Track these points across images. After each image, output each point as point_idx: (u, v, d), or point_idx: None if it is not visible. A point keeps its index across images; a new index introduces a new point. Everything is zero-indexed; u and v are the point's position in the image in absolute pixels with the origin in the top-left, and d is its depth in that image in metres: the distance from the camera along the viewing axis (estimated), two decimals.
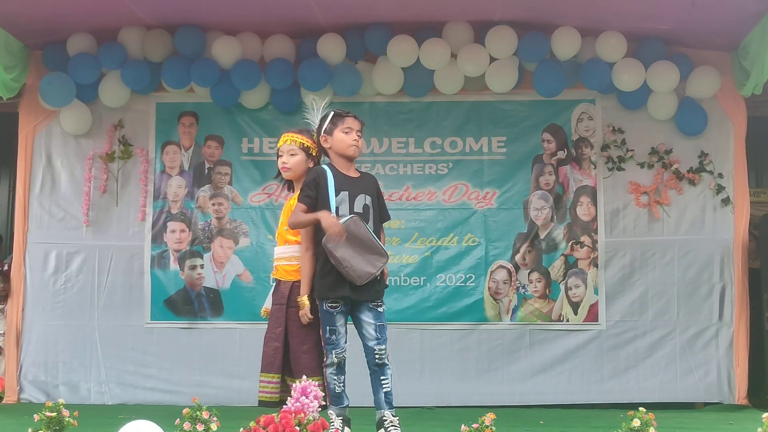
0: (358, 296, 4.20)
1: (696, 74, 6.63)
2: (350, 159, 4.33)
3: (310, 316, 4.19)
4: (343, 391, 4.26)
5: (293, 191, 4.47)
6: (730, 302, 6.60)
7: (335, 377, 4.23)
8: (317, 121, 4.36)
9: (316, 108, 4.39)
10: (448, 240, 6.81)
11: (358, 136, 4.31)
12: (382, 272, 4.27)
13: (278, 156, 4.43)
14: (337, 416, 4.21)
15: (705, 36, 6.47)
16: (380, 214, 4.41)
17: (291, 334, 4.23)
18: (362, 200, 4.26)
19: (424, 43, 6.54)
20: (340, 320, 4.21)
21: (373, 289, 4.22)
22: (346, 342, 4.24)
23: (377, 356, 4.18)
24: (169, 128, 6.99)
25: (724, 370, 6.56)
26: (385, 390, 4.20)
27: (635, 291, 6.68)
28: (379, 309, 4.25)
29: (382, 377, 4.21)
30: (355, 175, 4.35)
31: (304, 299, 4.18)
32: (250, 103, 6.86)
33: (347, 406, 4.28)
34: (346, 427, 4.23)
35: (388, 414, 4.19)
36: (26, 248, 6.85)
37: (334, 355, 4.20)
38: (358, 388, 4.51)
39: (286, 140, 4.38)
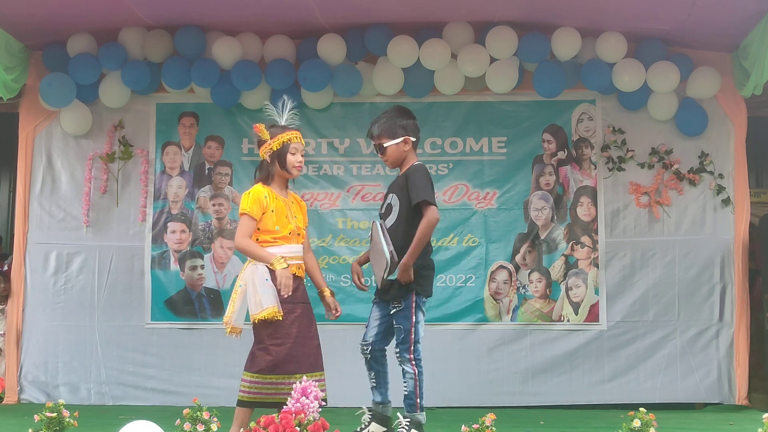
0: (380, 294, 4.38)
1: (696, 75, 6.63)
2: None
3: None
4: (375, 387, 4.30)
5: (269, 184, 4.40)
6: (731, 303, 6.60)
7: (367, 371, 4.35)
8: (282, 121, 4.38)
9: (284, 109, 4.39)
10: (449, 240, 6.80)
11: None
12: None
13: (290, 152, 4.29)
14: (367, 410, 4.27)
15: (705, 36, 6.47)
16: (409, 200, 4.36)
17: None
18: (387, 200, 4.46)
19: (424, 44, 6.54)
20: (374, 312, 4.38)
21: (390, 290, 4.30)
22: (371, 336, 4.33)
23: (397, 357, 4.25)
24: (170, 129, 6.99)
25: (725, 370, 6.56)
26: (403, 393, 4.22)
27: (636, 291, 6.68)
28: (395, 309, 4.31)
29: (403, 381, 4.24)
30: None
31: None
32: (250, 103, 6.85)
33: (380, 403, 4.30)
34: (373, 423, 4.23)
35: (400, 416, 4.19)
36: (26, 249, 6.85)
37: (362, 347, 4.36)
38: (357, 389, 4.52)
39: (299, 138, 4.36)
